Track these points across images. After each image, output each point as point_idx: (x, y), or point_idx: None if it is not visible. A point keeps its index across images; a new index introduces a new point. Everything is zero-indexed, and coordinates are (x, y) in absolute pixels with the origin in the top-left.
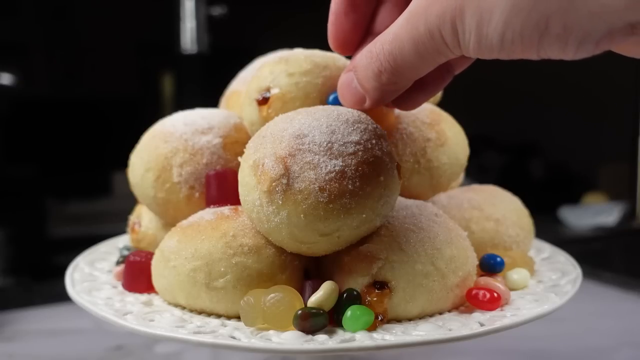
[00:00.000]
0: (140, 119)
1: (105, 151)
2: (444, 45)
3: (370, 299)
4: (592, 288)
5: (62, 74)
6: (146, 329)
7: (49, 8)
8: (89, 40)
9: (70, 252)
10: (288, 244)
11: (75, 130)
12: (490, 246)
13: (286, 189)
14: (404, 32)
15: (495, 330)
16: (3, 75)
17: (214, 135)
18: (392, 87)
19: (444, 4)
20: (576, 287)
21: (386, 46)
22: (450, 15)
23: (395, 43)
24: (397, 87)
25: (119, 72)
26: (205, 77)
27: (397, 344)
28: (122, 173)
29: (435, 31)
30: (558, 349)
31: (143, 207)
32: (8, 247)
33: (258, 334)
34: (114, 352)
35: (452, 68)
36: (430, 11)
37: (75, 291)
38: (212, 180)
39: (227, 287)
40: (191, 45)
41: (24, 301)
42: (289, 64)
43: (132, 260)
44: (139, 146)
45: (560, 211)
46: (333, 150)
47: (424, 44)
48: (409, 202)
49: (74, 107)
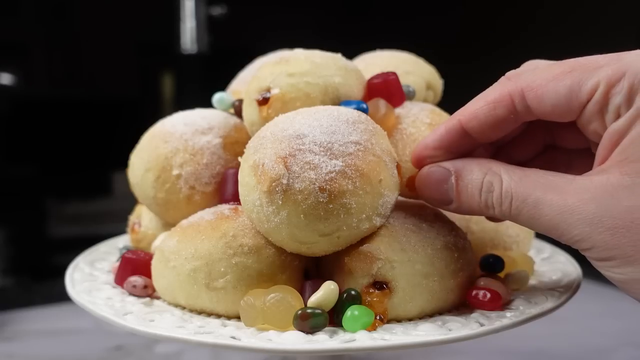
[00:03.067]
0: (140, 119)
1: (105, 151)
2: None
3: (370, 299)
4: (592, 288)
5: (62, 74)
6: (146, 329)
7: (49, 8)
8: (89, 40)
9: (70, 252)
10: (288, 244)
11: (75, 130)
12: (490, 246)
13: (286, 189)
14: (556, 213)
15: (495, 330)
16: (3, 75)
17: (214, 136)
18: (487, 217)
19: (594, 214)
20: (576, 287)
21: (519, 203)
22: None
23: (536, 211)
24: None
25: (119, 72)
26: (205, 77)
27: (397, 344)
28: (122, 173)
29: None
30: (558, 349)
31: (143, 207)
32: (8, 247)
33: (258, 334)
34: (114, 352)
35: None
36: (584, 216)
37: (75, 291)
38: (231, 178)
39: (227, 287)
40: (191, 45)
41: (24, 301)
42: (289, 65)
43: (127, 257)
44: (139, 146)
45: None
46: (333, 150)
47: (555, 237)
48: (409, 202)
49: (74, 107)
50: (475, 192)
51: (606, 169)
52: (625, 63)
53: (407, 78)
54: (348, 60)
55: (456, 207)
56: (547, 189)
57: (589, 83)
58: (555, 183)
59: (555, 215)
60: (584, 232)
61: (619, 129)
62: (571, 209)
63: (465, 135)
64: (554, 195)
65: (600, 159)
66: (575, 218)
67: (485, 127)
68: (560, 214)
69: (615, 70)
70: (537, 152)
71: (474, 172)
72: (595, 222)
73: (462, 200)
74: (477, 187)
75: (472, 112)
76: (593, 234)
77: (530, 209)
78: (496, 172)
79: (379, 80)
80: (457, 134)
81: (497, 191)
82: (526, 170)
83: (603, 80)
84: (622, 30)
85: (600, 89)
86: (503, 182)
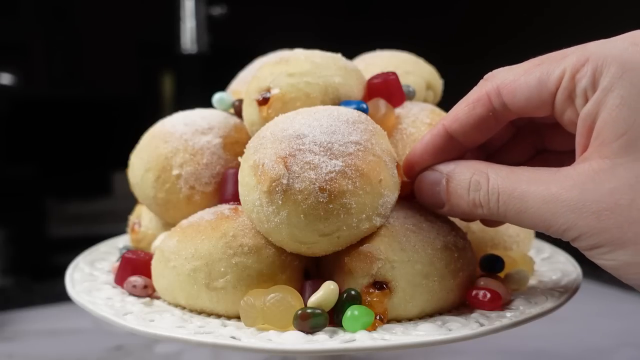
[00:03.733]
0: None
1: (105, 151)
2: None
3: (370, 299)
4: (592, 288)
5: (62, 74)
6: (146, 329)
7: (49, 8)
8: (89, 40)
9: (70, 252)
10: (288, 244)
11: (75, 130)
12: (490, 246)
13: (286, 189)
14: (541, 203)
15: (495, 330)
16: (3, 75)
17: (214, 136)
18: (478, 218)
19: (589, 207)
20: (576, 287)
21: (505, 198)
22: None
23: (522, 204)
24: (487, 219)
25: (119, 72)
26: (205, 77)
27: (397, 344)
28: (122, 173)
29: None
30: (558, 349)
31: (143, 207)
32: (8, 247)
33: (258, 334)
34: (114, 352)
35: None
36: (576, 211)
37: (75, 291)
38: (231, 178)
39: (227, 287)
40: (191, 45)
41: (24, 301)
42: (289, 65)
43: (127, 257)
44: (139, 146)
45: None
46: (333, 150)
47: (543, 230)
48: (409, 202)
49: (74, 107)
50: (464, 192)
51: (588, 156)
52: (589, 50)
53: (407, 78)
54: (348, 60)
55: (448, 209)
56: (531, 182)
57: (556, 72)
58: (540, 175)
59: (540, 205)
60: (570, 220)
61: (589, 112)
62: (555, 197)
63: (451, 139)
64: (537, 186)
65: (580, 148)
66: (560, 206)
67: (468, 128)
68: (545, 204)
69: (579, 56)
70: (528, 157)
71: (462, 173)
72: (579, 207)
73: (452, 202)
74: (465, 187)
75: (454, 115)
76: (579, 220)
77: (517, 203)
78: (483, 170)
79: (379, 80)
80: (443, 138)
81: (484, 189)
82: (513, 168)
83: (568, 67)
84: (622, 30)
85: (566, 75)
86: (490, 179)
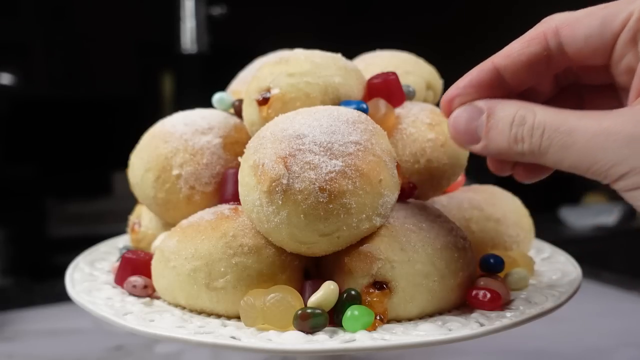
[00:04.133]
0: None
1: (105, 151)
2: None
3: (370, 299)
4: (592, 288)
5: (62, 74)
6: (146, 329)
7: (49, 8)
8: (89, 40)
9: (70, 252)
10: (288, 244)
11: (75, 130)
12: (490, 246)
13: (286, 189)
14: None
15: (495, 330)
16: (3, 75)
17: (214, 136)
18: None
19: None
20: (576, 287)
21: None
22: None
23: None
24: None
25: (119, 72)
26: (205, 77)
27: (397, 344)
28: (122, 173)
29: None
30: (558, 349)
31: (143, 207)
32: (8, 247)
33: (258, 334)
34: (114, 352)
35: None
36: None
37: (75, 291)
38: (231, 178)
39: (227, 287)
40: (191, 45)
41: (24, 301)
42: (289, 65)
43: (127, 257)
44: (139, 146)
45: (560, 211)
46: (333, 150)
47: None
48: (409, 202)
49: (74, 107)
50: (506, 128)
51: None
52: None
53: (407, 78)
54: (348, 60)
55: (483, 146)
56: (582, 117)
57: (623, 13)
58: (590, 114)
59: (589, 138)
60: (621, 155)
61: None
62: (607, 130)
63: (497, 77)
64: (588, 121)
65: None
66: (612, 140)
67: (519, 66)
68: (595, 137)
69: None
70: None
71: (505, 109)
72: (633, 141)
73: (491, 138)
74: (508, 122)
75: (506, 52)
76: (631, 155)
77: (563, 137)
78: (530, 107)
79: (379, 80)
80: (489, 75)
81: (529, 123)
82: (561, 109)
83: (637, 9)
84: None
85: (635, 16)
86: (537, 114)
